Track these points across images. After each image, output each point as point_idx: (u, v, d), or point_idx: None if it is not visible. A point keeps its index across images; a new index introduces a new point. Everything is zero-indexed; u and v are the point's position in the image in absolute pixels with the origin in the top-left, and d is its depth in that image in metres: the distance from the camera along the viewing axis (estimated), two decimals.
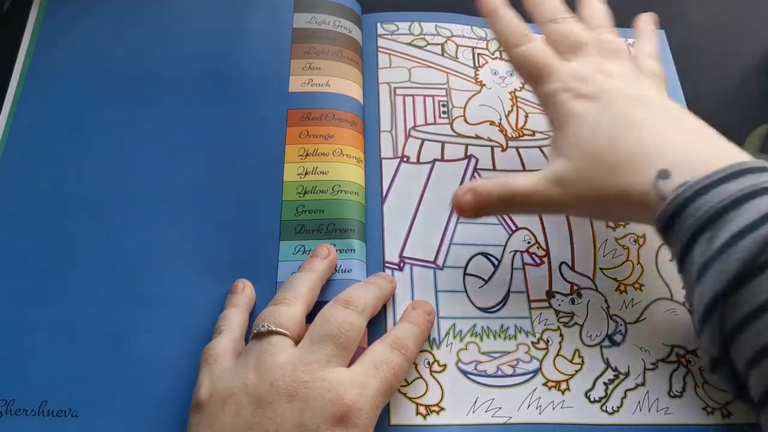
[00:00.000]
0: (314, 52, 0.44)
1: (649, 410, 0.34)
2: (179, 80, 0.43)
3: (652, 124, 0.32)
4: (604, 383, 0.35)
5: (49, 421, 0.33)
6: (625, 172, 0.31)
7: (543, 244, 0.39)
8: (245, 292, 0.36)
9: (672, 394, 0.35)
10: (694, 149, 0.31)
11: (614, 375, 0.36)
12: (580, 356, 0.36)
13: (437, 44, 0.47)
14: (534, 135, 0.44)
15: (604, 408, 0.34)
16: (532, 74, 0.36)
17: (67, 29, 0.45)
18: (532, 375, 0.35)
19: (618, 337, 0.37)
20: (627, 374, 0.36)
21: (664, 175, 0.30)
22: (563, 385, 0.35)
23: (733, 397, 0.35)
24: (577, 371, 0.36)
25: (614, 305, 0.38)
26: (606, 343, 0.37)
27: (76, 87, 0.43)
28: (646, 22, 0.40)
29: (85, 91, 0.42)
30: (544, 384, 0.35)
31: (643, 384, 0.35)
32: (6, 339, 0.35)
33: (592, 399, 0.35)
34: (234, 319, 0.34)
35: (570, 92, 0.34)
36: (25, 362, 0.34)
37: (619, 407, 0.35)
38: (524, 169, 0.42)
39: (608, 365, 0.36)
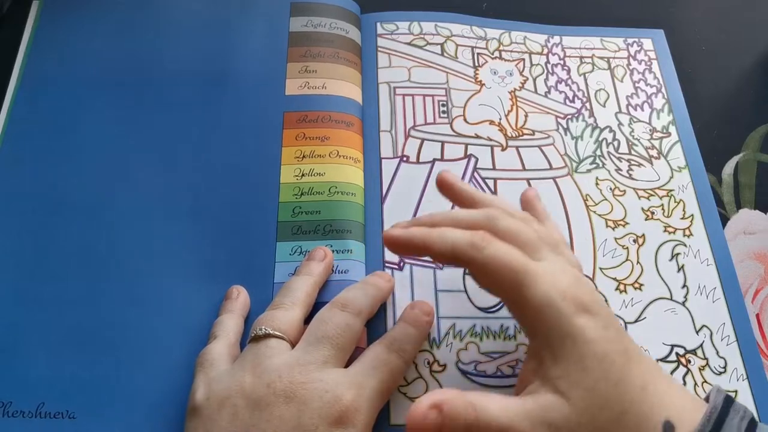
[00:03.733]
0: (310, 55, 0.44)
1: None
2: (176, 83, 0.43)
3: (640, 358, 0.29)
4: None
5: (47, 423, 0.32)
6: (634, 424, 0.26)
7: None
8: (240, 298, 0.36)
9: None
10: (678, 393, 0.28)
11: None
12: None
13: (437, 44, 0.47)
14: (534, 134, 0.44)
15: None
16: (509, 279, 0.28)
17: (66, 30, 0.45)
18: None
19: None
20: None
21: (669, 428, 0.26)
22: None
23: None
24: None
25: (614, 305, 0.38)
26: None
27: (74, 88, 0.43)
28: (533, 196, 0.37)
29: (83, 93, 0.42)
30: None
31: None
32: (3, 341, 0.35)
33: None
34: (229, 324, 0.34)
35: (569, 301, 0.28)
36: (22, 364, 0.34)
37: None
38: (524, 168, 0.42)
39: None
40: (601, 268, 0.39)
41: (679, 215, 0.41)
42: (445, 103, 0.44)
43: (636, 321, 0.37)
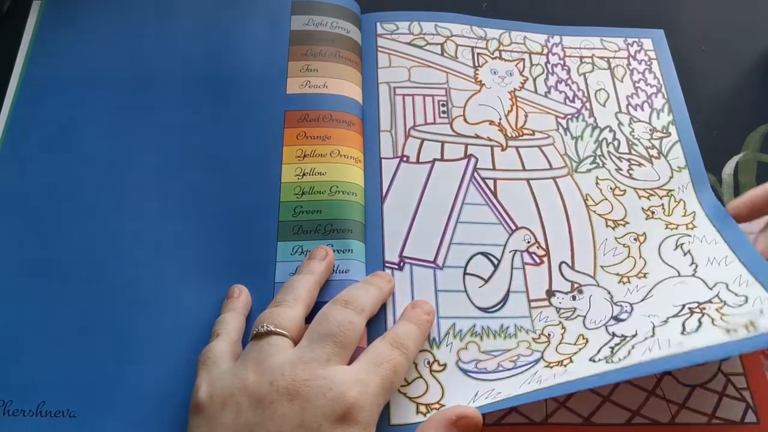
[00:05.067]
0: (312, 54, 0.44)
1: (660, 348, 0.30)
2: (177, 82, 0.43)
3: None
4: (610, 348, 0.32)
5: (47, 422, 0.32)
6: None
7: (543, 244, 0.39)
8: (241, 297, 0.36)
9: (686, 333, 0.30)
10: None
11: (621, 339, 0.33)
12: (584, 338, 0.35)
13: (437, 44, 0.47)
14: (534, 134, 0.44)
15: (609, 362, 0.31)
16: None
17: (67, 30, 0.45)
18: (533, 363, 0.34)
19: (624, 316, 0.35)
20: (635, 335, 0.32)
21: None
22: (566, 361, 0.33)
23: None
24: (581, 349, 0.34)
25: (618, 295, 0.37)
26: (611, 322, 0.35)
27: (75, 88, 0.43)
28: None
29: (84, 92, 0.42)
30: (546, 366, 0.34)
31: (652, 336, 0.31)
32: (3, 340, 0.34)
33: (597, 360, 0.32)
34: (231, 322, 0.34)
35: None
36: (22, 363, 0.34)
37: (626, 357, 0.31)
38: (524, 168, 0.42)
39: (614, 335, 0.33)
40: (602, 266, 0.39)
41: (680, 214, 0.41)
42: (445, 103, 0.44)
43: (642, 300, 0.35)
